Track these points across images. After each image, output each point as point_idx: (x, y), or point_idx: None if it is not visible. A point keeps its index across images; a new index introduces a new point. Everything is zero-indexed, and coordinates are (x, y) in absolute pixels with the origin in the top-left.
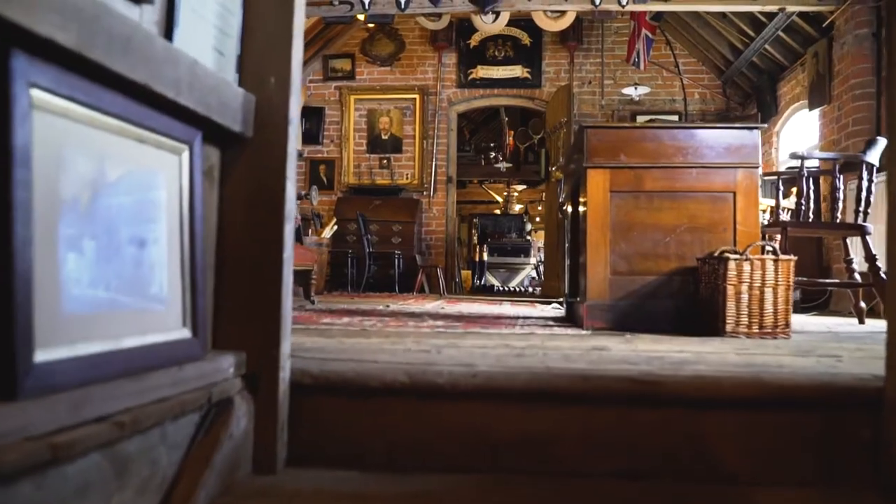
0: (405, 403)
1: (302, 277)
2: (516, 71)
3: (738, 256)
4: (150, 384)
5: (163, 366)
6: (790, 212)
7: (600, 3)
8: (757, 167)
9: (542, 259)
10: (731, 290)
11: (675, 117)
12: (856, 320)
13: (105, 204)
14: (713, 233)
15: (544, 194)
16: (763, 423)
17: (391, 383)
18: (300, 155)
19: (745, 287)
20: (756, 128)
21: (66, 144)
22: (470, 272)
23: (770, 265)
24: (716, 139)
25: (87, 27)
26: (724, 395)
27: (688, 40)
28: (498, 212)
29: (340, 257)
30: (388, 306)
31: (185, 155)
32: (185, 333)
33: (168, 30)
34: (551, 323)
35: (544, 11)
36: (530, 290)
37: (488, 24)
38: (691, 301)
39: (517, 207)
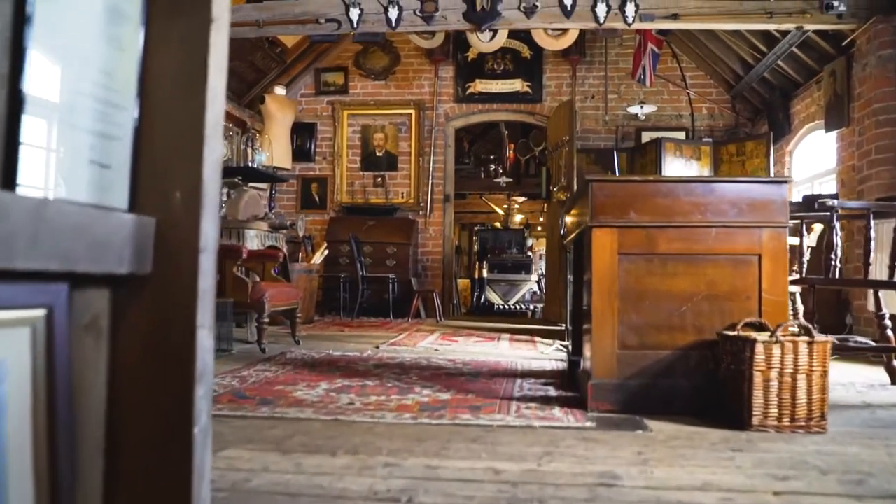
0: None
1: (287, 314)
2: (516, 85)
3: (766, 338)
4: None
5: None
6: (811, 251)
7: (604, 21)
8: (785, 227)
9: (544, 272)
10: (758, 378)
11: (682, 133)
12: (883, 374)
13: None
14: (735, 301)
15: (546, 205)
16: None
17: None
18: (287, 178)
19: (774, 374)
20: (784, 181)
21: None
22: (469, 282)
23: (804, 349)
24: (738, 194)
25: None
26: None
27: (695, 53)
28: (498, 224)
29: (333, 281)
30: (377, 348)
31: (41, 324)
32: None
33: (8, 154)
34: (552, 392)
35: (545, 29)
36: (531, 308)
37: (485, 43)
38: (711, 380)
39: (518, 218)
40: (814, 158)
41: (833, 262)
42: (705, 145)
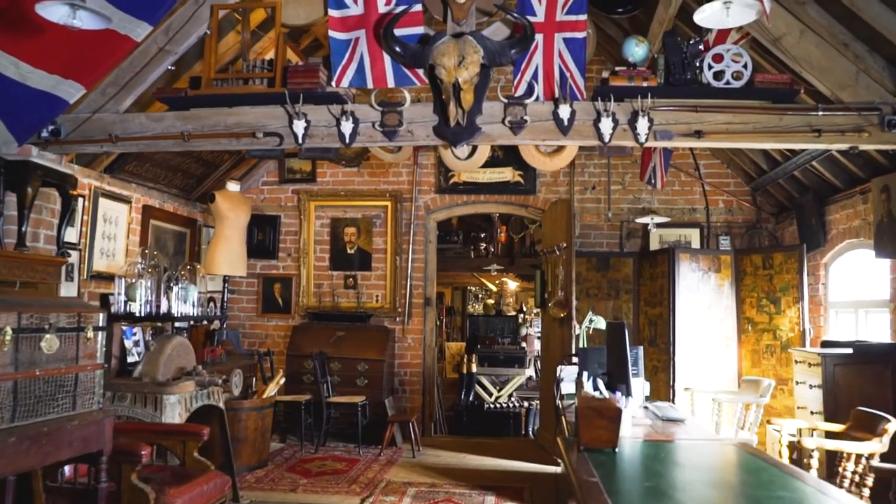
0: None
1: None
2: (506, 174)
3: None
4: None
5: None
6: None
7: (610, 140)
8: None
9: (540, 356)
10: None
11: (696, 231)
12: None
13: None
14: None
15: (541, 311)
16: None
17: None
18: (224, 318)
19: None
20: None
21: None
22: (462, 345)
23: None
24: None
25: None
26: None
27: None
28: (491, 301)
29: (294, 406)
30: None
31: None
32: None
33: None
34: None
35: (536, 147)
36: (527, 405)
37: (462, 161)
38: None
39: (511, 287)
40: (857, 279)
41: None
42: (725, 254)
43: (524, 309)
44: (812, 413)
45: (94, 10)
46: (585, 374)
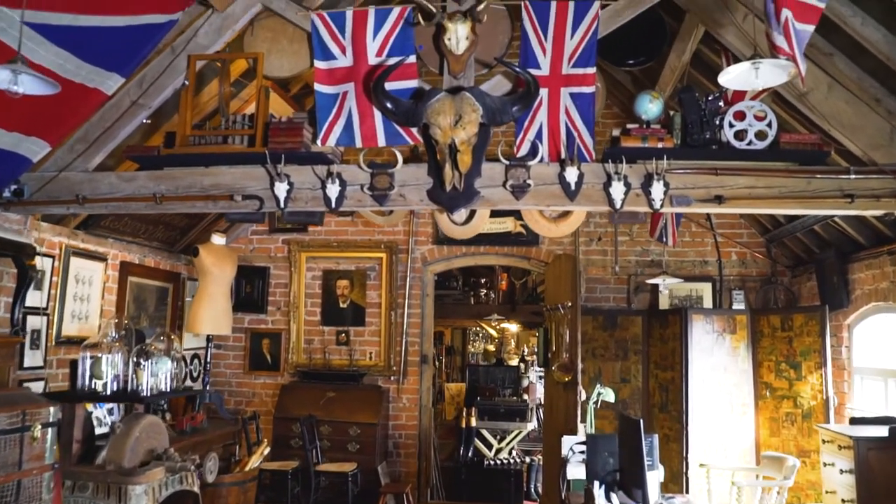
0: None
1: None
2: (507, 224)
3: None
4: None
5: None
6: None
7: (622, 206)
8: None
9: (542, 423)
10: None
11: (708, 285)
12: None
13: None
14: None
15: (545, 371)
16: None
17: None
18: (194, 392)
19: None
20: None
21: None
22: (462, 386)
23: None
24: None
25: None
26: None
27: None
28: (492, 347)
29: (281, 475)
30: None
31: None
32: None
33: None
34: None
35: (540, 211)
36: (528, 460)
37: (458, 227)
38: None
39: (513, 329)
40: (886, 346)
41: None
42: (740, 314)
43: (525, 354)
44: (843, 502)
45: (37, 76)
46: (597, 483)
